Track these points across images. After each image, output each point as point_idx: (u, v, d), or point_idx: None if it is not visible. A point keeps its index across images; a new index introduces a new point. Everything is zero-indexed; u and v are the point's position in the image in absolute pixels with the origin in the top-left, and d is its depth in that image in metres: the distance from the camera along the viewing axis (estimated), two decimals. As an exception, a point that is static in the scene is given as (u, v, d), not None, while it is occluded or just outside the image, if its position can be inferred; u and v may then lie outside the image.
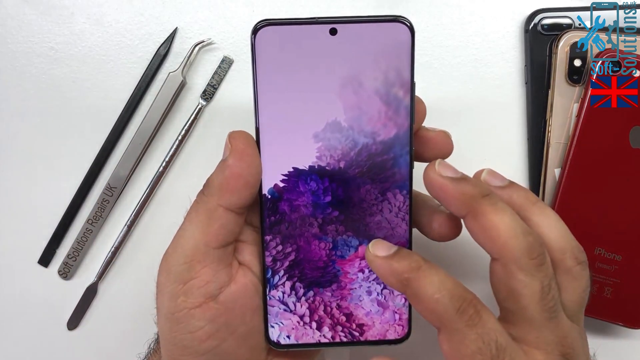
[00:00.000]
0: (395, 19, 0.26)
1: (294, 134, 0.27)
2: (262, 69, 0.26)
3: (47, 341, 0.40)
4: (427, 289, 0.24)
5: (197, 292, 0.26)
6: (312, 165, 0.27)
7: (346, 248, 0.28)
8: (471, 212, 0.25)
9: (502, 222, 0.24)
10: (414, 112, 0.26)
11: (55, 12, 0.39)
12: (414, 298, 0.24)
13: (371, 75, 0.26)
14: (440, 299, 0.23)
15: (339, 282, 0.28)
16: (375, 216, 0.27)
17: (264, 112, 0.26)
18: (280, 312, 0.28)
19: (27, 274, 0.40)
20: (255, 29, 0.26)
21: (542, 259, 0.25)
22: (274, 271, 0.28)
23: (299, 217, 0.27)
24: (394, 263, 0.25)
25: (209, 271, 0.27)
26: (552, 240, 0.26)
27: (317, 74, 0.26)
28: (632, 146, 0.35)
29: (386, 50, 0.26)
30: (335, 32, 0.26)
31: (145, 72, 0.39)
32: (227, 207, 0.26)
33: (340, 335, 0.28)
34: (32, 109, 0.39)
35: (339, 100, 0.26)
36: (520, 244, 0.24)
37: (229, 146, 0.26)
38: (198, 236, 0.26)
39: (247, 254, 0.28)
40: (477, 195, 0.25)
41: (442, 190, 0.25)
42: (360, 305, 0.28)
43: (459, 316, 0.23)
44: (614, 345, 0.39)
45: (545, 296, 0.24)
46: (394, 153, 0.27)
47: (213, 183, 0.27)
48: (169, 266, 0.27)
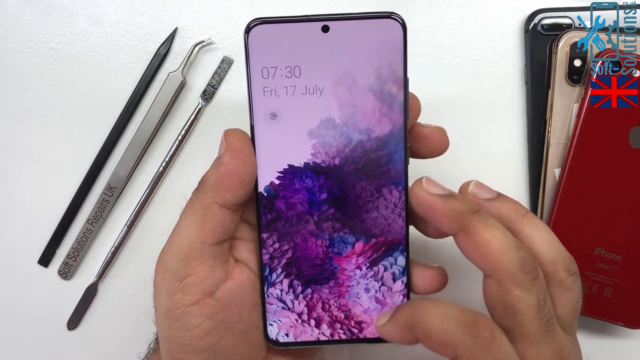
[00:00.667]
0: (387, 15, 0.26)
1: (288, 132, 0.27)
2: (256, 67, 0.26)
3: (47, 341, 0.40)
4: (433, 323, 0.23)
5: (193, 289, 0.26)
6: (307, 162, 0.27)
7: (343, 245, 0.28)
8: (462, 229, 0.24)
9: (494, 238, 0.24)
10: (407, 108, 0.27)
11: (56, 12, 0.39)
12: (425, 338, 0.24)
13: (364, 72, 0.26)
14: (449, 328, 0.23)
15: (336, 279, 0.28)
16: (371, 212, 0.27)
17: (258, 110, 0.27)
18: (279, 310, 0.28)
19: (27, 274, 0.40)
20: (248, 27, 0.26)
21: (536, 272, 0.24)
22: (271, 269, 0.28)
23: (295, 215, 0.27)
24: (397, 318, 0.25)
25: (205, 268, 0.27)
26: (544, 252, 0.26)
27: (310, 71, 0.26)
28: (632, 146, 0.35)
29: (378, 47, 0.26)
30: (328, 29, 0.26)
31: (145, 72, 0.39)
32: (222, 204, 0.26)
33: (339, 332, 0.28)
34: (32, 109, 0.39)
35: (333, 97, 0.26)
36: (514, 259, 0.24)
37: (224, 144, 0.27)
38: (194, 233, 0.26)
39: (243, 250, 0.29)
40: (466, 211, 0.25)
41: (432, 209, 0.25)
42: (359, 303, 0.28)
43: (474, 341, 0.23)
44: (613, 345, 0.39)
45: (541, 310, 0.24)
46: (388, 149, 0.27)
47: (208, 180, 0.27)
48: (165, 264, 0.27)
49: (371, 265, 0.28)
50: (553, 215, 0.36)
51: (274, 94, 0.26)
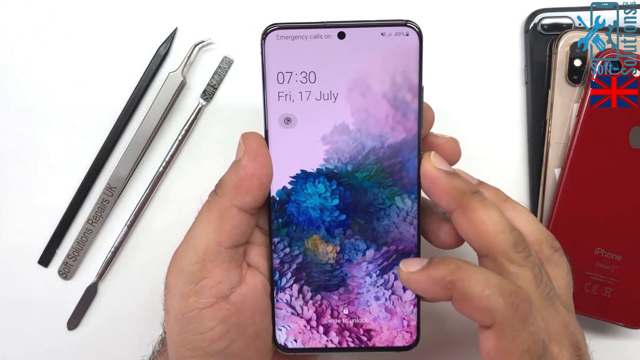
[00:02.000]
0: (403, 23, 0.26)
1: (302, 137, 0.27)
2: (271, 71, 0.26)
3: (47, 341, 0.40)
4: (475, 287, 0.23)
5: (208, 292, 0.26)
6: (320, 167, 0.27)
7: (354, 252, 0.28)
8: (460, 206, 0.25)
9: (491, 218, 0.25)
10: (422, 117, 0.27)
11: (56, 12, 0.39)
12: (462, 299, 0.23)
13: (379, 79, 0.26)
14: (491, 295, 0.23)
15: (346, 286, 0.28)
16: (383, 220, 0.27)
17: (273, 115, 0.27)
18: (288, 315, 0.28)
19: (27, 274, 0.40)
20: (265, 32, 0.26)
21: (529, 250, 0.25)
22: (281, 273, 0.28)
23: (306, 220, 0.27)
24: (432, 271, 0.24)
25: (221, 271, 0.26)
26: (528, 234, 0.27)
27: (325, 77, 0.26)
28: (632, 146, 0.35)
29: (394, 54, 0.26)
30: (344, 35, 0.26)
31: (145, 72, 0.39)
32: (241, 207, 0.26)
33: (348, 340, 0.28)
34: (32, 109, 0.39)
35: (347, 103, 0.26)
36: (508, 238, 0.25)
37: (242, 147, 0.27)
38: (211, 235, 0.26)
39: (254, 255, 0.28)
40: (467, 191, 0.25)
41: (434, 183, 0.26)
42: (368, 311, 0.28)
43: (514, 312, 0.23)
44: (614, 346, 0.39)
45: (539, 283, 0.25)
46: (402, 157, 0.27)
47: (227, 183, 0.27)
48: (180, 266, 0.27)
49: (382, 273, 0.28)
50: (553, 215, 0.36)
51: (288, 99, 0.26)
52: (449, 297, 0.24)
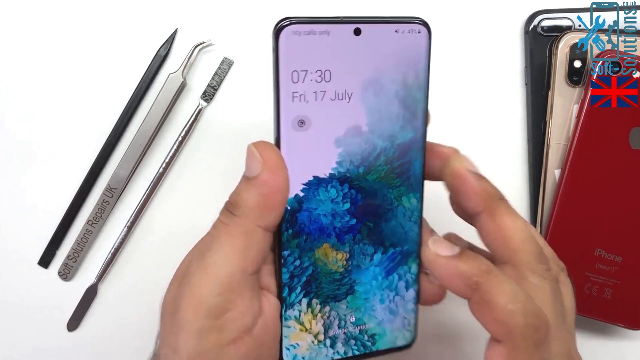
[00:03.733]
0: (417, 21, 0.25)
1: (315, 140, 0.25)
2: (285, 70, 0.24)
3: (47, 342, 0.40)
4: (500, 298, 0.22)
5: (232, 326, 0.23)
6: (333, 172, 0.25)
7: (362, 257, 0.27)
8: (488, 209, 0.25)
9: (518, 225, 0.25)
10: (427, 115, 0.26)
11: (55, 13, 0.39)
12: (483, 305, 0.23)
13: (391, 77, 0.25)
14: (514, 311, 0.22)
15: (354, 292, 0.27)
16: (390, 221, 0.27)
17: (286, 117, 0.24)
18: (296, 333, 0.27)
19: (27, 275, 0.40)
20: (279, 27, 0.23)
21: (549, 264, 0.25)
22: (290, 289, 0.26)
23: (317, 228, 0.26)
24: (461, 264, 0.24)
25: (245, 301, 0.24)
26: None
27: (340, 76, 0.24)
28: (632, 147, 0.35)
29: (407, 52, 0.25)
30: (360, 32, 0.24)
31: (145, 73, 0.39)
32: (265, 228, 0.24)
33: (353, 349, 0.27)
34: (32, 110, 0.39)
35: (361, 103, 0.25)
36: (532, 248, 0.24)
37: (258, 159, 0.24)
38: (234, 261, 0.23)
39: (265, 275, 0.26)
40: (495, 196, 0.25)
41: (465, 183, 0.25)
42: (374, 315, 0.27)
43: (532, 334, 0.22)
44: (614, 346, 0.39)
45: (556, 299, 0.24)
46: (410, 157, 0.26)
47: (247, 203, 0.24)
48: (198, 299, 0.23)
49: (387, 274, 0.27)
50: (553, 216, 0.36)
51: (303, 99, 0.24)
52: (467, 296, 0.23)
